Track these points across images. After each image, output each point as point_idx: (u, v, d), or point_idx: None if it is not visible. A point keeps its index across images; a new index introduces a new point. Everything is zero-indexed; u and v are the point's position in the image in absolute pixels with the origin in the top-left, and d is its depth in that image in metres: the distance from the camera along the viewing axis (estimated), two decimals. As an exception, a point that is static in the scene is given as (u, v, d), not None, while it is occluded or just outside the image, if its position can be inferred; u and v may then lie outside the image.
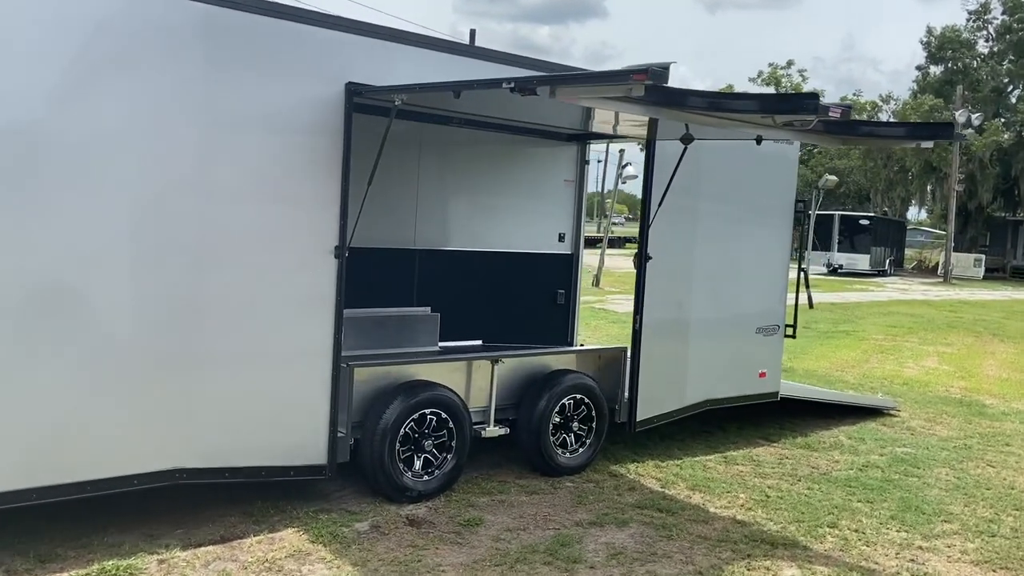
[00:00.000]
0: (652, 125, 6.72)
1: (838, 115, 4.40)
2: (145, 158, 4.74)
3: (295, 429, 5.36)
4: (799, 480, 7.08)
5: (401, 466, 5.84)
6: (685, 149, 6.52)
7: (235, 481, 5.26)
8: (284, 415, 5.30)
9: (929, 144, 5.25)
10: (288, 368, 5.29)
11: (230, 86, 4.93)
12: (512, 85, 4.17)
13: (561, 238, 9.03)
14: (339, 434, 5.55)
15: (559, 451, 6.69)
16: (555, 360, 6.94)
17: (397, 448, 5.81)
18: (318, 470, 5.46)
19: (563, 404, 6.71)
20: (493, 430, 6.43)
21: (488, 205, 8.75)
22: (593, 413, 6.87)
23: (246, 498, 5.66)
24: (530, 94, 4.20)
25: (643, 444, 7.75)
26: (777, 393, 8.32)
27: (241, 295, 5.10)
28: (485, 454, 6.90)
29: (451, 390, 6.13)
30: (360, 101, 5.44)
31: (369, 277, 7.87)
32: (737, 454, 7.75)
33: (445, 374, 6.23)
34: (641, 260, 7.03)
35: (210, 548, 5.01)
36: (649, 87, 3.88)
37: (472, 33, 16.86)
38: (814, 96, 4.17)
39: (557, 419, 6.69)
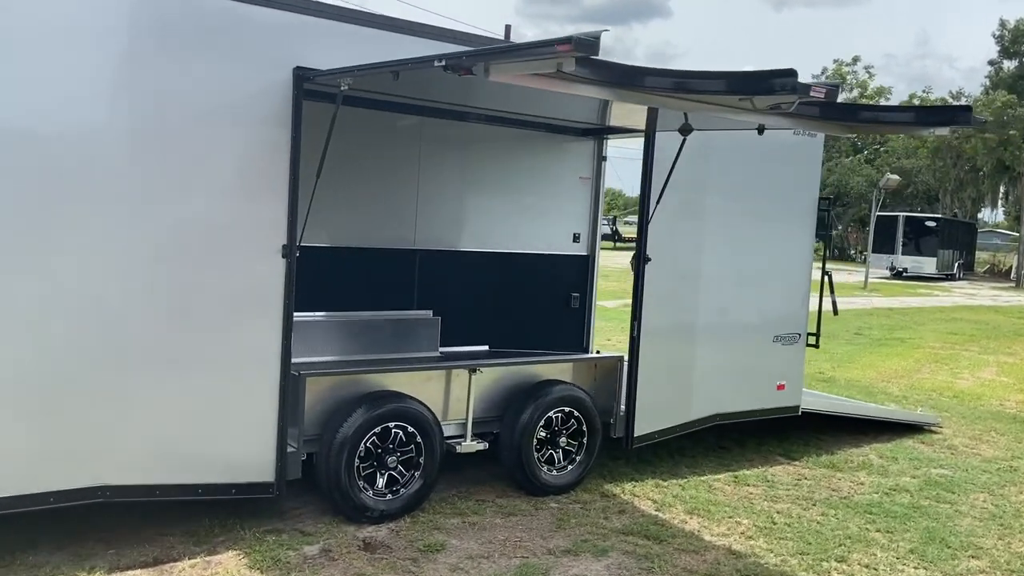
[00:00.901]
0: (651, 115, 6.18)
1: (822, 95, 3.80)
2: (65, 148, 4.37)
3: (237, 443, 4.94)
4: (814, 504, 6.43)
5: (361, 484, 5.38)
6: (684, 141, 5.93)
7: (168, 500, 4.86)
8: (224, 427, 4.89)
9: (944, 131, 4.58)
10: (228, 376, 4.87)
11: (160, 70, 4.54)
12: (444, 63, 3.68)
13: (576, 238, 8.52)
14: (289, 448, 5.11)
15: (544, 468, 6.16)
16: (543, 369, 6.41)
17: (356, 464, 5.36)
18: (264, 488, 5.04)
19: (550, 417, 6.18)
20: (469, 445, 5.94)
21: (496, 204, 8.28)
22: (584, 427, 6.33)
23: (194, 516, 5.27)
24: (466, 73, 3.71)
25: (647, 460, 7.17)
26: (798, 407, 7.64)
27: (174, 295, 4.70)
28: (472, 469, 6.42)
29: (420, 402, 5.66)
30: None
31: (365, 278, 7.48)
32: (750, 473, 7.12)
33: (414, 384, 5.76)
34: (639, 262, 6.47)
35: (138, 572, 4.63)
36: (588, 62, 3.36)
37: (507, 29, 16.36)
38: (790, 72, 3.59)
39: (543, 434, 6.17)
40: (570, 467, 6.28)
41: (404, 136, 7.72)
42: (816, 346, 7.76)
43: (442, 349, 7.36)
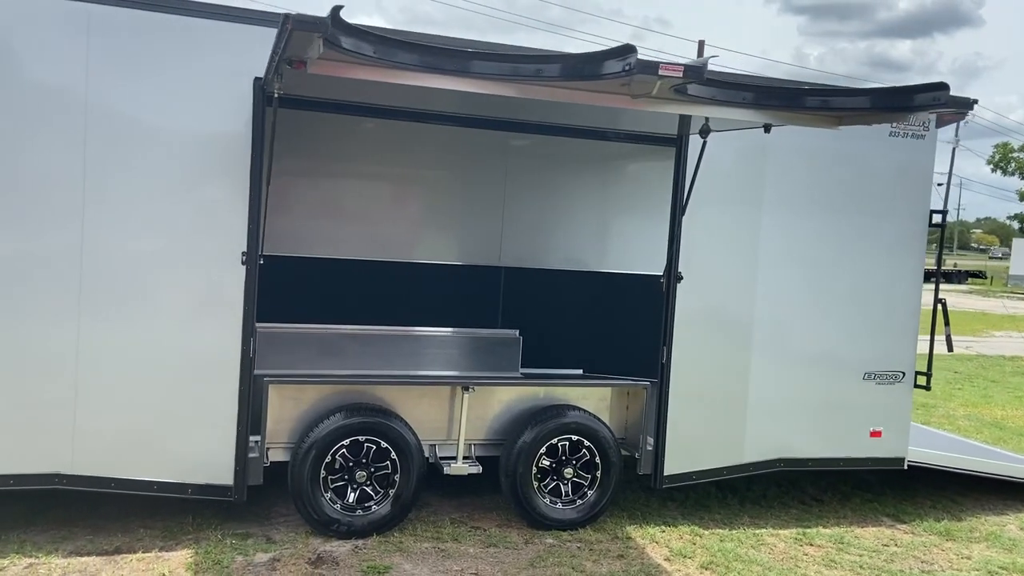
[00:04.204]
0: (683, 120, 5.57)
1: (677, 73, 3.15)
2: (24, 157, 4.75)
3: (194, 444, 5.05)
4: (878, 576, 5.37)
5: (328, 496, 5.29)
6: (704, 144, 5.30)
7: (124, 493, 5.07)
8: (181, 428, 5.02)
9: (925, 115, 3.59)
10: (187, 378, 5.01)
11: (118, 85, 4.81)
12: (283, 56, 3.55)
13: None
14: (251, 454, 5.15)
15: (547, 500, 5.69)
16: (555, 392, 5.95)
17: (323, 475, 5.28)
18: (222, 491, 5.10)
19: (556, 446, 5.71)
20: (459, 467, 5.64)
21: (594, 221, 7.90)
22: (597, 460, 5.77)
23: (182, 512, 5.47)
24: (300, 66, 3.56)
25: (704, 505, 6.41)
26: (903, 460, 6.43)
27: (134, 297, 4.92)
28: (495, 494, 6.09)
29: (399, 417, 5.47)
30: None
31: (447, 294, 7.44)
32: (827, 532, 6.10)
33: (396, 398, 5.58)
34: (669, 280, 5.83)
35: (88, 559, 4.86)
36: (379, 43, 3.07)
37: (700, 45, 15.99)
38: (626, 50, 3.02)
39: (546, 462, 5.71)
40: (580, 502, 5.75)
41: (488, 151, 7.61)
42: (927, 387, 6.51)
43: (525, 370, 7.09)
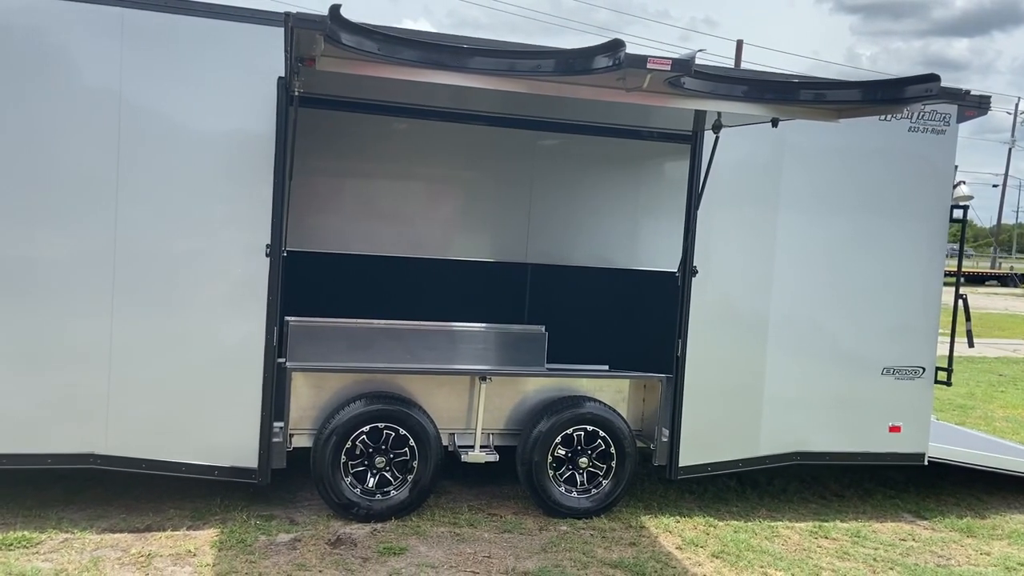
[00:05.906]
0: (698, 116, 5.65)
1: (666, 67, 3.26)
2: (59, 154, 5.02)
3: (220, 428, 5.28)
4: (891, 568, 5.39)
5: (348, 480, 5.49)
6: (717, 139, 5.39)
7: (154, 473, 5.32)
8: (208, 413, 5.26)
9: (918, 107, 3.63)
10: (213, 364, 5.24)
11: (150, 86, 5.07)
12: (292, 54, 3.74)
13: None
14: (274, 439, 5.36)
15: (562, 488, 5.81)
16: (572, 384, 6.07)
17: (344, 460, 5.48)
18: (247, 473, 5.32)
19: (571, 436, 5.83)
20: (476, 455, 5.79)
21: (619, 218, 8.00)
22: (612, 450, 5.88)
23: (213, 494, 5.72)
24: (311, 64, 3.75)
25: (723, 498, 6.48)
26: (923, 455, 6.42)
27: (164, 288, 5.17)
28: (516, 484, 6.22)
29: (418, 406, 5.64)
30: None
31: (475, 290, 7.61)
32: (844, 526, 6.12)
33: (415, 387, 5.75)
34: (684, 274, 5.91)
35: (120, 535, 5.11)
36: (335, 40, 3.25)
37: (739, 44, 16.12)
38: (615, 45, 3.14)
39: (562, 451, 5.83)
40: (595, 491, 5.86)
41: (515, 150, 7.75)
42: (948, 383, 6.48)
43: (551, 365, 7.22)
